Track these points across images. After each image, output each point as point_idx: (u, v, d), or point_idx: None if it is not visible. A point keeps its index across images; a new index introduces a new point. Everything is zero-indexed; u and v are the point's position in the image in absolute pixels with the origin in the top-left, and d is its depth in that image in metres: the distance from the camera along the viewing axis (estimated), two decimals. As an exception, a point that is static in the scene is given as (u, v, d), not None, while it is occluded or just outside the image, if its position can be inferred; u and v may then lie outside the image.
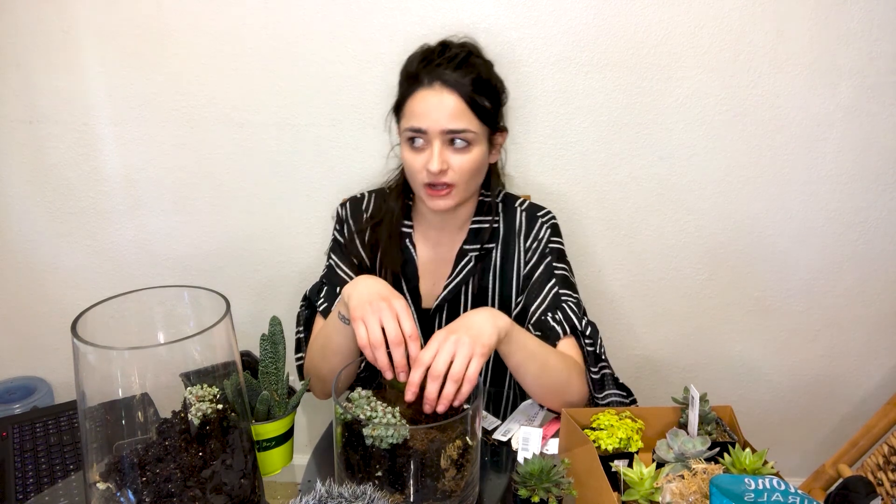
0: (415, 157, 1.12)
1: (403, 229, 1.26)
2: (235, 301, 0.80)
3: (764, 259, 1.62)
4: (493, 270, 1.24)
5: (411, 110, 1.11)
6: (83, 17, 1.43)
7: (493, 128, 1.15)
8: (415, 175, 1.14)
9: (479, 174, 1.16)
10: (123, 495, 0.72)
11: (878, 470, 1.29)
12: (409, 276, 1.25)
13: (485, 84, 1.12)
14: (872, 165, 1.53)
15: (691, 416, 0.92)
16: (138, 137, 1.53)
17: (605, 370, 1.13)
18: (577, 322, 1.14)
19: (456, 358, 0.88)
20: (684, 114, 1.48)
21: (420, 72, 1.11)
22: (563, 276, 1.21)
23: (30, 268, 1.64)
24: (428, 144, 1.10)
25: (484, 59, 1.18)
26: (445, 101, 1.08)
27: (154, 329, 0.81)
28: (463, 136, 1.09)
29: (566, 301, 1.17)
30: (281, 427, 0.92)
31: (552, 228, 1.25)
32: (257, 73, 1.47)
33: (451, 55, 1.12)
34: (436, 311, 1.25)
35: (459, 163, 1.11)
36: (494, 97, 1.14)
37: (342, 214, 1.30)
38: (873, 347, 1.71)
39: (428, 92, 1.09)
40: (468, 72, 1.10)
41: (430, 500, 0.81)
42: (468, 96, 1.08)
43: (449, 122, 1.08)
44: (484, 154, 1.14)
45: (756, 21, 1.41)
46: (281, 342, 0.95)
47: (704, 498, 0.79)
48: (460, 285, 1.24)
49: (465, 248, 1.23)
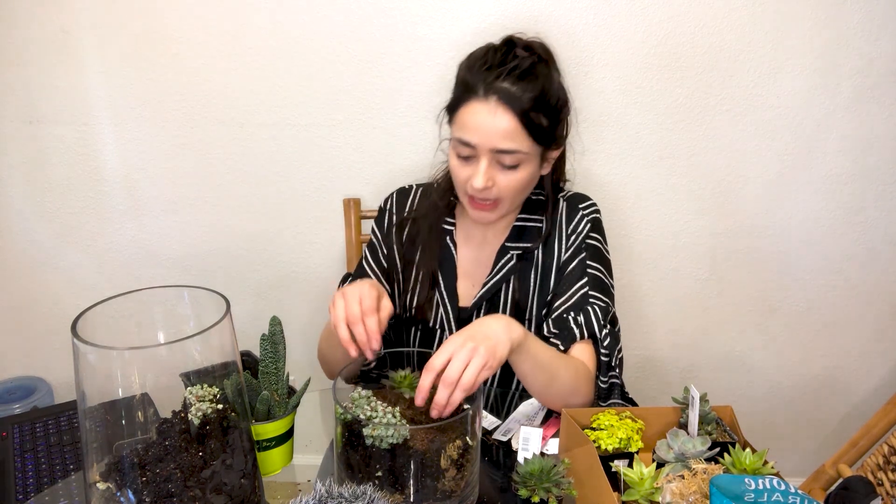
0: (461, 168, 1.08)
1: (445, 226, 1.23)
2: (235, 301, 0.80)
3: (764, 259, 1.62)
4: (536, 268, 1.19)
5: (463, 121, 1.05)
6: (83, 17, 1.43)
7: (547, 145, 1.09)
8: (460, 184, 1.11)
9: (526, 191, 1.12)
10: (123, 495, 0.72)
11: (878, 470, 1.29)
12: (446, 274, 1.22)
13: (545, 101, 1.04)
14: (872, 165, 1.53)
15: (691, 416, 0.92)
16: (138, 137, 1.53)
17: (614, 380, 1.12)
18: (598, 329, 1.11)
19: (469, 366, 0.86)
20: (684, 114, 1.48)
21: (477, 80, 1.04)
22: (595, 277, 1.16)
23: (30, 268, 1.64)
24: (476, 158, 1.06)
25: (551, 67, 1.09)
26: (499, 120, 1.01)
27: (154, 329, 0.80)
28: (513, 156, 1.04)
29: (593, 304, 1.13)
30: (281, 427, 0.92)
31: (592, 223, 1.19)
32: (257, 73, 1.47)
33: (514, 65, 1.03)
34: (473, 308, 1.22)
35: (506, 182, 1.07)
36: (554, 114, 1.07)
37: (384, 206, 1.28)
38: (873, 347, 1.71)
39: (482, 105, 1.02)
40: (529, 86, 1.02)
41: (430, 500, 0.81)
42: (524, 115, 1.02)
43: (500, 141, 1.02)
44: (534, 171, 1.09)
45: (756, 21, 1.41)
46: (281, 342, 0.95)
47: (704, 498, 0.79)
48: (500, 283, 1.20)
49: (507, 246, 1.19)
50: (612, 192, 1.56)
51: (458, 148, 1.07)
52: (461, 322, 1.22)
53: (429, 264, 1.21)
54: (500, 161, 1.05)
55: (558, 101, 1.08)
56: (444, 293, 1.22)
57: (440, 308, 1.23)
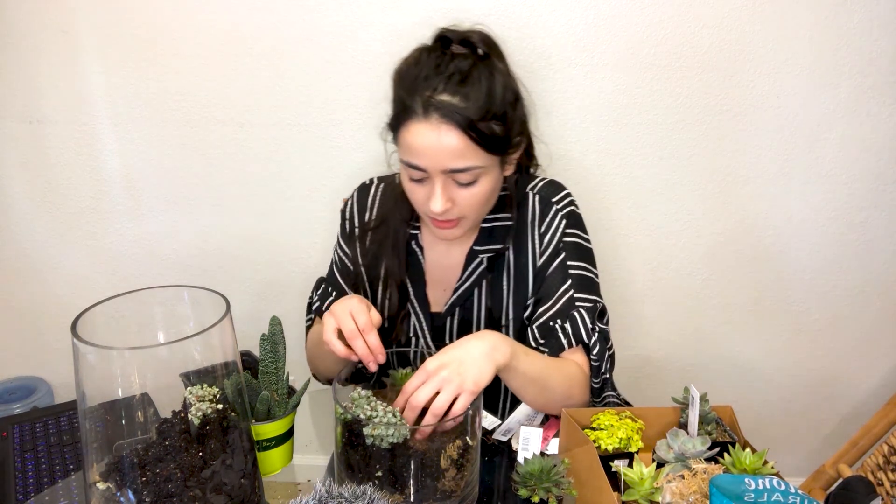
0: (416, 190, 1.00)
1: (410, 231, 1.15)
2: (235, 301, 0.80)
3: (764, 259, 1.62)
4: (508, 269, 1.13)
5: (407, 143, 0.96)
6: (83, 17, 1.43)
7: (505, 152, 1.00)
8: (418, 206, 1.04)
9: (490, 201, 1.05)
10: (123, 495, 0.72)
11: (878, 470, 1.29)
12: (415, 281, 1.17)
13: (492, 106, 0.94)
14: (872, 165, 1.53)
15: (691, 416, 0.92)
16: (138, 137, 1.53)
17: (605, 376, 1.10)
18: (586, 336, 1.06)
19: (440, 395, 0.84)
20: (684, 114, 1.48)
21: (413, 97, 0.94)
22: (578, 277, 1.10)
23: (30, 268, 1.64)
24: (429, 179, 0.98)
25: (493, 60, 0.99)
26: (445, 139, 0.92)
27: (154, 329, 0.81)
28: (469, 173, 0.96)
29: (579, 308, 1.08)
30: (281, 427, 0.92)
31: (567, 218, 1.11)
32: (257, 73, 1.47)
33: (451, 72, 0.94)
34: (447, 314, 1.17)
35: (467, 199, 0.99)
36: (504, 118, 0.96)
37: (345, 211, 1.22)
38: (873, 347, 1.71)
39: (424, 126, 0.93)
40: (472, 93, 0.93)
41: (430, 500, 0.81)
42: (472, 128, 0.92)
43: (450, 161, 0.94)
44: (495, 180, 1.02)
45: (756, 21, 1.40)
46: (281, 342, 0.95)
47: (704, 498, 0.79)
48: (471, 288, 1.14)
49: (476, 250, 1.12)
50: (612, 192, 1.56)
51: (409, 171, 0.99)
52: (435, 329, 1.18)
53: (396, 275, 1.14)
54: (455, 180, 0.97)
55: (507, 100, 0.97)
56: (415, 301, 1.17)
57: (411, 317, 1.18)
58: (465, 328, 1.17)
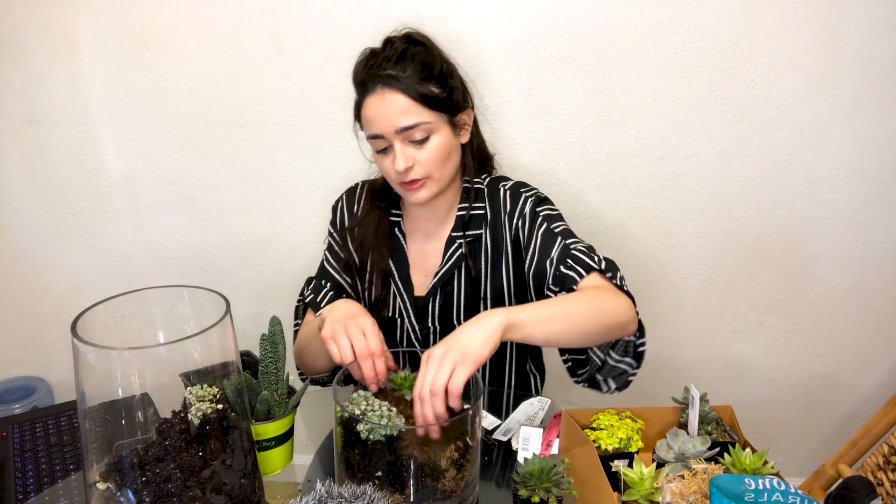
0: (383, 160, 1.14)
1: (392, 219, 1.27)
2: (235, 301, 0.80)
3: (764, 259, 1.62)
4: (485, 255, 1.24)
5: (366, 118, 1.13)
6: (83, 17, 1.43)
7: (451, 111, 1.14)
8: (389, 176, 1.16)
9: (448, 160, 1.16)
10: (123, 495, 0.72)
11: (878, 470, 1.29)
12: (399, 265, 1.26)
13: (428, 72, 1.11)
14: (872, 165, 1.53)
15: (691, 416, 0.92)
16: (138, 137, 1.53)
17: (626, 291, 1.09)
18: (593, 262, 1.09)
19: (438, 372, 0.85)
20: (684, 114, 1.48)
21: (365, 78, 1.12)
22: (564, 230, 1.18)
23: (30, 268, 1.64)
24: (390, 147, 1.11)
25: (425, 44, 1.16)
26: (391, 102, 1.08)
27: (154, 329, 0.81)
28: (418, 129, 1.09)
29: (574, 247, 1.13)
30: (281, 427, 0.92)
31: (535, 200, 1.21)
32: (257, 73, 1.47)
33: (388, 54, 1.11)
34: (429, 296, 1.25)
35: (425, 156, 1.11)
36: (443, 81, 1.13)
37: (336, 206, 1.32)
38: (873, 347, 1.71)
39: (374, 97, 1.10)
40: (409, 65, 1.09)
41: (430, 500, 0.81)
42: (413, 90, 1.08)
43: (399, 119, 1.08)
44: (448, 139, 1.14)
45: (756, 21, 1.41)
46: (281, 342, 0.95)
47: (704, 498, 0.79)
48: (451, 271, 1.24)
49: (453, 236, 1.23)
50: (612, 192, 1.56)
51: (373, 143, 1.14)
52: (418, 311, 1.26)
53: (380, 263, 1.26)
54: (410, 139, 1.10)
55: (442, 70, 1.14)
56: (399, 283, 1.26)
57: (397, 299, 1.27)
58: (447, 309, 1.25)
